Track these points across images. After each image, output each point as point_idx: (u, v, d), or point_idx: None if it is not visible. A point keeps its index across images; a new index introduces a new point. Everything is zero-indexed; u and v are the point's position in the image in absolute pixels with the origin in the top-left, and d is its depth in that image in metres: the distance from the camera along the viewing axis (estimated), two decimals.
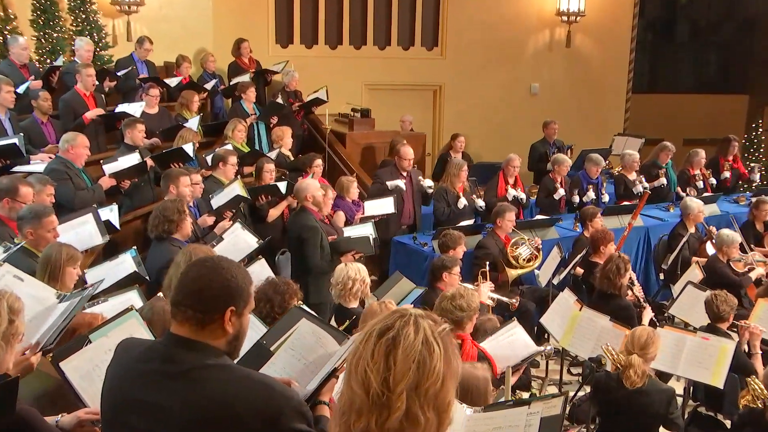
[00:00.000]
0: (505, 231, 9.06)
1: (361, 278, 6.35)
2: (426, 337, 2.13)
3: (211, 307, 2.63)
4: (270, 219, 8.97)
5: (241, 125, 10.29)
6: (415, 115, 14.55)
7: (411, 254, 9.43)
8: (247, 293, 2.71)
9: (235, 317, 2.67)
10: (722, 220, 11.12)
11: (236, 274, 2.68)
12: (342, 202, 9.36)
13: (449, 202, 9.97)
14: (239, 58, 13.10)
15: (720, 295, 6.94)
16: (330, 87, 12.46)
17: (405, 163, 10.06)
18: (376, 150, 12.68)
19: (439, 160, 12.59)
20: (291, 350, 3.29)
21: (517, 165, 10.84)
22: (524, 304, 8.44)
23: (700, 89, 20.23)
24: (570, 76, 16.62)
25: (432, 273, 7.53)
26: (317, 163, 9.82)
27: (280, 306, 5.04)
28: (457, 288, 5.96)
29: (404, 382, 2.08)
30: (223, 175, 8.79)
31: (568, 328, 7.02)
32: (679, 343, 6.44)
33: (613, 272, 7.60)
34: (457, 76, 15.75)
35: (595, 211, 9.65)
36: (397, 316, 2.17)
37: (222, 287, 2.64)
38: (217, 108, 12.58)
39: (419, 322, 2.15)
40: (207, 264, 2.69)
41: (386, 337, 2.12)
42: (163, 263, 6.20)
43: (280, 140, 10.57)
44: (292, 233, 8.12)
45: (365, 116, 12.99)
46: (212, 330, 2.65)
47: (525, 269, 8.90)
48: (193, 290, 2.64)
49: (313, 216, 7.88)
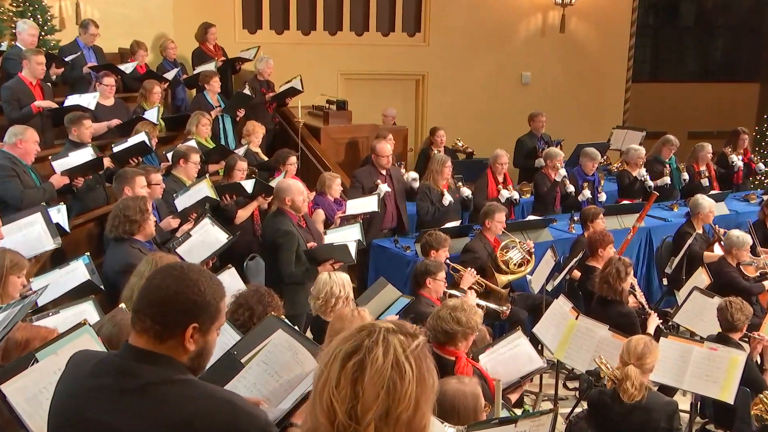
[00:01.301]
0: (494, 233, 9.06)
1: (345, 295, 6.33)
2: (396, 359, 2.11)
3: (172, 322, 2.61)
4: (238, 221, 8.93)
5: (205, 119, 10.24)
6: (396, 107, 14.53)
7: (392, 259, 9.43)
8: (215, 309, 2.69)
9: (198, 334, 2.65)
10: (731, 220, 11.18)
11: (205, 287, 2.66)
12: (323, 200, 9.34)
13: (433, 200, 9.98)
14: (204, 44, 13.05)
15: (735, 302, 6.95)
16: (303, 77, 12.43)
17: (383, 161, 10.04)
18: (353, 146, 12.67)
19: (420, 156, 12.62)
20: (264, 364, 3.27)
21: (505, 162, 10.87)
22: (515, 313, 8.45)
23: (707, 77, 20.31)
24: (564, 64, 16.67)
25: (415, 279, 7.53)
26: (291, 160, 9.79)
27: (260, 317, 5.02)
28: (462, 301, 5.95)
29: (373, 411, 2.06)
30: (185, 173, 8.74)
31: (563, 338, 7.03)
32: (685, 354, 6.46)
33: (613, 276, 7.63)
34: (442, 65, 15.77)
35: (597, 211, 9.67)
36: (364, 335, 2.15)
37: (186, 301, 2.62)
38: (179, 99, 12.52)
39: (389, 340, 2.13)
40: (174, 273, 2.67)
41: (352, 362, 2.10)
42: (122, 266, 6.19)
43: (250, 135, 10.52)
44: (266, 237, 8.10)
45: (341, 108, 12.96)
46: (172, 345, 2.63)
47: (516, 275, 8.90)
48: (154, 300, 2.63)
49: (290, 219, 7.85)
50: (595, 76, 16.87)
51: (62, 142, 9.20)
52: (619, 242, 9.48)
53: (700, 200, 10.20)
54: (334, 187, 9.55)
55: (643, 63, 19.75)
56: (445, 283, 7.55)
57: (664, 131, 13.41)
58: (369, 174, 10.10)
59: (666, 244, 10.40)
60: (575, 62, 16.71)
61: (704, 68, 20.81)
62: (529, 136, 12.99)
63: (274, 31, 15.09)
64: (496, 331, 8.43)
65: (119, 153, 8.71)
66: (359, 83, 15.18)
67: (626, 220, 10.40)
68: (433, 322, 5.46)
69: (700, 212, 10.08)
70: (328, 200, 9.46)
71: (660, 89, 19.24)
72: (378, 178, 10.00)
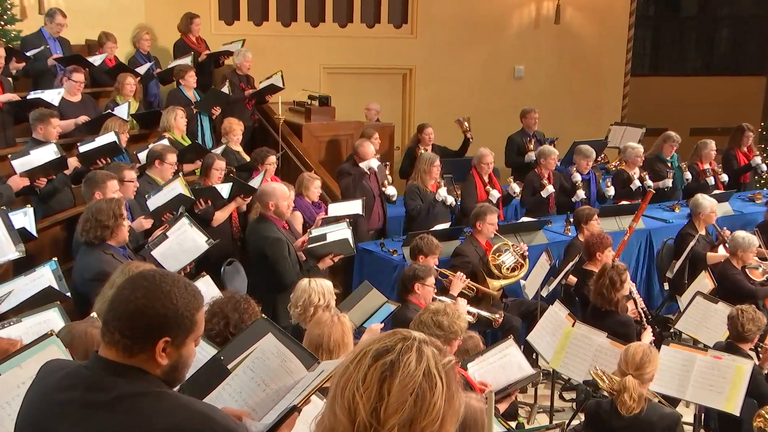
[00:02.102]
0: (485, 236, 9.07)
1: (324, 304, 6.33)
2: (429, 369, 2.11)
3: (141, 336, 2.62)
4: (216, 223, 8.88)
5: (181, 113, 10.21)
6: (382, 102, 14.53)
7: (378, 263, 9.44)
8: (190, 322, 2.69)
9: (171, 348, 2.65)
10: (736, 221, 11.21)
11: (177, 299, 2.66)
12: (300, 202, 9.30)
13: (423, 200, 9.99)
14: (187, 36, 12.98)
15: (747, 312, 6.91)
16: (283, 71, 12.41)
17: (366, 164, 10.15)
18: (336, 144, 12.66)
19: (406, 155, 12.56)
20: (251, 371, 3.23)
21: (491, 161, 10.85)
22: (509, 320, 8.46)
23: (710, 71, 20.39)
24: (559, 57, 16.70)
25: (402, 284, 7.54)
26: (270, 160, 9.78)
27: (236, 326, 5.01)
28: (445, 305, 5.94)
29: (397, 416, 2.06)
30: (159, 174, 8.71)
31: (559, 346, 7.04)
32: (688, 363, 6.47)
33: (607, 287, 7.63)
34: (430, 58, 15.77)
35: (591, 212, 9.69)
36: (398, 338, 2.15)
37: (157, 315, 2.62)
38: (152, 95, 12.45)
39: (423, 349, 2.14)
40: (144, 284, 2.66)
41: (383, 361, 2.10)
42: (94, 274, 6.16)
43: (228, 134, 10.48)
44: (252, 247, 8.08)
45: (324, 104, 12.94)
46: (143, 359, 2.64)
47: (509, 279, 8.91)
48: (122, 313, 2.63)
49: (274, 225, 7.85)
50: (591, 69, 16.90)
51: (25, 140, 9.09)
52: (617, 244, 9.48)
53: (700, 200, 10.23)
54: (312, 189, 9.50)
55: (642, 56, 19.83)
56: (434, 288, 7.55)
57: (664, 128, 13.43)
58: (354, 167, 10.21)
59: (667, 246, 10.42)
60: (571, 55, 16.74)
61: (707, 61, 20.89)
62: (520, 134, 13.00)
63: (253, 22, 15.05)
64: (488, 339, 8.44)
65: (87, 153, 8.64)
66: (343, 78, 15.15)
67: (624, 222, 10.40)
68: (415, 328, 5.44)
69: (701, 212, 10.12)
70: (306, 202, 9.40)
71: (660, 83, 19.30)
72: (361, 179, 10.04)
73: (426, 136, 12.41)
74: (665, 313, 9.94)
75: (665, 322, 9.20)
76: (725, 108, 18.38)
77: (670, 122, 15.50)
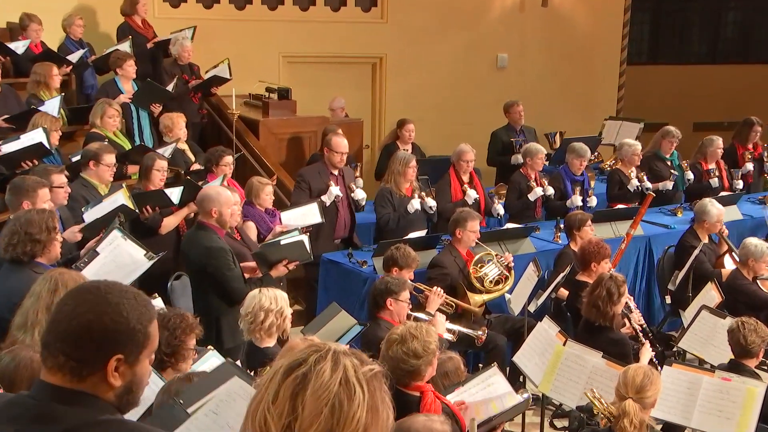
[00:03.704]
0: (466, 245, 9.07)
1: (277, 309, 6.31)
2: (346, 377, 2.14)
3: (90, 356, 2.60)
4: (164, 230, 8.79)
5: (112, 109, 10.07)
6: (350, 95, 14.53)
7: (346, 276, 9.42)
8: (143, 335, 2.67)
9: (124, 366, 2.64)
10: (745, 226, 11.28)
11: (128, 311, 2.64)
12: (252, 210, 9.25)
13: (395, 206, 9.97)
14: (131, 18, 12.86)
15: (748, 323, 6.89)
16: (237, 60, 12.38)
17: (337, 159, 10.02)
18: (298, 142, 12.64)
19: (383, 154, 12.48)
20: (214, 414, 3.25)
21: (471, 159, 10.88)
22: (492, 339, 8.46)
23: (715, 59, 20.53)
24: (547, 43, 16.76)
25: (373, 299, 7.51)
26: (226, 160, 9.69)
27: (169, 346, 4.98)
28: (407, 326, 5.92)
29: (313, 429, 2.08)
30: (96, 177, 8.63)
31: (549, 368, 7.04)
32: (693, 385, 6.48)
33: (603, 299, 7.60)
34: (403, 46, 15.77)
35: (584, 217, 9.70)
36: (311, 350, 2.19)
37: (106, 330, 2.60)
38: (89, 86, 12.33)
39: (339, 358, 2.17)
40: (89, 297, 2.64)
41: (295, 375, 2.13)
42: (22, 296, 6.03)
43: (171, 131, 10.37)
44: (190, 259, 7.98)
45: (284, 98, 12.92)
46: (94, 382, 2.61)
47: (493, 294, 8.92)
48: (66, 332, 2.60)
49: (215, 234, 7.78)
50: (583, 57, 16.96)
51: None
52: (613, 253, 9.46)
53: (708, 206, 10.12)
54: (263, 196, 9.38)
55: (640, 42, 19.95)
56: (408, 304, 7.52)
57: (664, 122, 13.52)
58: (318, 173, 10.06)
59: (668, 255, 10.42)
60: (560, 42, 16.80)
61: (712, 48, 21.01)
62: (505, 130, 13.04)
63: (202, 4, 14.92)
64: (470, 360, 8.45)
65: (9, 155, 8.55)
66: (305, 68, 15.15)
67: (621, 228, 10.41)
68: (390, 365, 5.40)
69: (706, 220, 10.07)
70: (259, 211, 9.33)
71: (660, 73, 19.41)
72: (329, 178, 9.96)
73: (406, 133, 12.43)
74: (667, 330, 9.94)
75: (667, 339, 9.20)
76: (732, 100, 18.51)
77: (671, 116, 15.62)
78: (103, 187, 8.60)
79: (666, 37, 20.77)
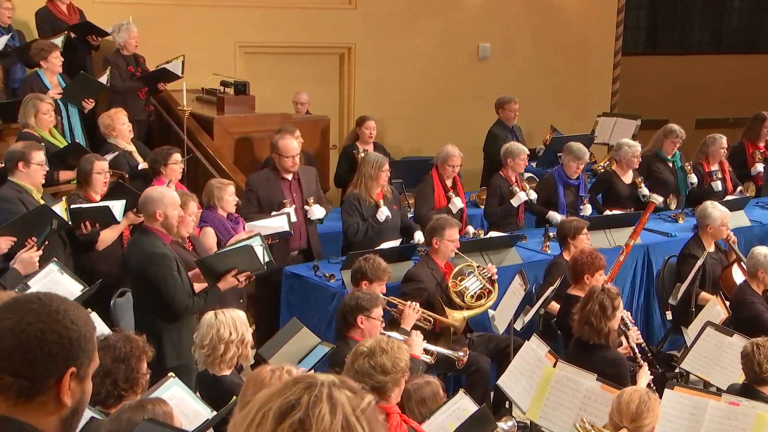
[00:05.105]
0: (444, 255, 9.08)
1: (238, 339, 6.29)
2: (347, 420, 2.13)
3: (42, 372, 2.57)
4: (101, 245, 8.75)
5: (45, 104, 9.97)
6: (315, 90, 14.51)
7: (311, 292, 9.40)
8: (92, 345, 2.68)
9: (75, 382, 2.63)
10: (753, 234, 11.35)
11: (76, 317, 2.64)
12: (212, 216, 9.18)
13: (364, 214, 9.94)
14: (52, 3, 12.77)
15: (765, 346, 6.85)
16: (188, 51, 12.34)
17: (288, 163, 9.88)
18: (258, 142, 12.56)
19: (342, 156, 12.47)
20: None
21: (458, 163, 10.86)
22: (475, 360, 8.46)
23: (719, 48, 20.64)
24: (535, 32, 16.82)
25: (342, 317, 7.50)
26: (174, 158, 9.60)
27: (127, 379, 4.97)
28: (377, 339, 5.93)
29: None
30: (27, 179, 8.54)
31: (538, 392, 7.05)
32: (697, 410, 6.49)
33: (596, 314, 7.59)
34: (374, 34, 15.77)
35: (580, 225, 9.71)
36: (302, 388, 2.16)
37: (60, 339, 2.59)
38: (15, 80, 12.12)
39: (335, 396, 2.15)
40: (34, 306, 2.62)
41: (290, 421, 2.11)
42: None
43: (113, 130, 10.30)
44: (132, 267, 7.93)
45: (241, 93, 12.89)
46: (42, 403, 2.59)
47: (474, 310, 8.92)
48: (12, 347, 2.57)
49: (160, 239, 7.73)
50: (574, 47, 17.03)
51: None
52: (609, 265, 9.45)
53: (709, 209, 10.15)
54: (226, 198, 9.27)
55: (637, 30, 20.05)
56: (382, 322, 7.53)
57: (664, 119, 13.62)
58: (267, 180, 9.95)
59: (669, 266, 10.45)
60: (548, 30, 16.87)
61: (716, 36, 21.12)
62: (500, 127, 13.04)
63: None
64: (450, 385, 8.45)
65: None
66: (264, 59, 15.13)
67: (617, 236, 10.44)
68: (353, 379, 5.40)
69: (709, 225, 10.08)
70: (219, 216, 9.25)
71: (659, 64, 19.50)
72: (280, 186, 9.88)
73: (367, 131, 12.30)
74: (668, 349, 9.99)
75: (669, 359, 9.24)
76: (738, 94, 18.63)
77: (671, 112, 15.72)
78: (36, 192, 8.51)
79: (665, 25, 20.86)
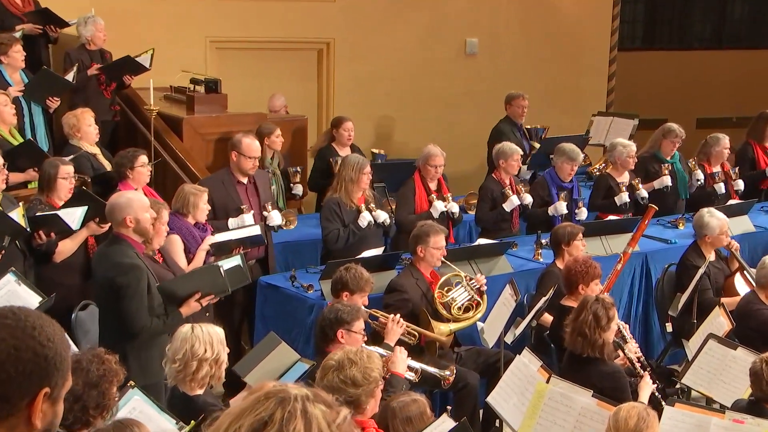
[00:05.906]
0: (430, 264, 9.07)
1: (213, 358, 6.26)
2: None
3: (16, 391, 2.56)
4: (59, 257, 8.64)
5: (2, 96, 9.91)
6: (292, 88, 14.54)
7: (287, 304, 9.40)
8: (66, 364, 2.67)
9: (48, 404, 2.62)
10: (758, 240, 11.37)
11: (52, 336, 2.62)
12: (179, 223, 9.10)
13: (345, 220, 9.92)
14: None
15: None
16: (156, 46, 12.30)
17: (249, 165, 9.85)
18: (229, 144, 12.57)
19: (317, 159, 12.46)
20: None
21: (441, 164, 10.87)
22: (463, 376, 8.45)
23: (721, 43, 20.70)
24: (525, 27, 16.86)
25: (321, 331, 7.51)
26: (141, 160, 9.54)
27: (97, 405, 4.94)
28: (346, 351, 5.92)
29: None
30: None
31: (530, 410, 7.05)
32: (700, 429, 6.51)
33: (590, 325, 7.58)
34: (354, 29, 15.79)
35: (575, 230, 9.73)
36: (274, 404, 2.17)
37: (35, 356, 2.57)
38: None
39: (309, 411, 2.17)
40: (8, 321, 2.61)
41: None
42: None
43: (77, 131, 10.25)
44: (97, 277, 7.89)
45: (212, 91, 12.85)
46: (12, 426, 2.58)
47: (462, 322, 8.92)
48: None
49: (132, 248, 7.67)
50: (567, 43, 17.07)
51: None
52: (605, 274, 9.47)
53: (705, 218, 10.09)
54: (201, 207, 9.17)
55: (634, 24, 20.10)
56: (363, 336, 7.52)
57: (662, 118, 13.64)
58: (222, 184, 9.88)
59: (669, 275, 10.47)
60: (540, 24, 16.91)
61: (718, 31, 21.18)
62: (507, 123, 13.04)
63: None
64: (436, 402, 8.43)
65: None
66: (237, 55, 15.13)
67: (614, 243, 10.46)
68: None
69: (707, 235, 10.05)
70: (187, 223, 9.17)
71: (657, 60, 19.55)
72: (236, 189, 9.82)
73: (345, 133, 12.28)
74: (668, 364, 10.01)
75: (669, 374, 9.25)
76: (741, 91, 18.69)
77: (670, 111, 15.76)
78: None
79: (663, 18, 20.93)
